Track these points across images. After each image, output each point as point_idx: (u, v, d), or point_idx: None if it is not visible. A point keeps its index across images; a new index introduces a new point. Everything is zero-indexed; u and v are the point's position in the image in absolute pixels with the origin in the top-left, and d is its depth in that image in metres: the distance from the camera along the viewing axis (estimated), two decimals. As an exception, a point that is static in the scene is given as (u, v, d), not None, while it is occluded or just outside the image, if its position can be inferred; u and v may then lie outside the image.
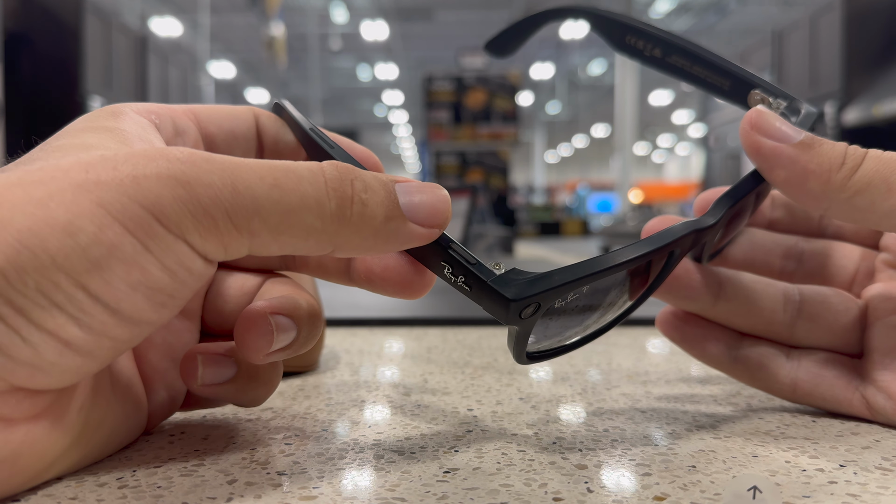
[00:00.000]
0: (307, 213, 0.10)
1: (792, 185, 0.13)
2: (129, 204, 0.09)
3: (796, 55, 2.82)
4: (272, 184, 0.09)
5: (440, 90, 2.33)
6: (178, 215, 0.09)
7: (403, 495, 0.10)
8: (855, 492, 0.10)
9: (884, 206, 0.12)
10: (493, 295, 0.11)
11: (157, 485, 0.10)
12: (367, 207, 0.10)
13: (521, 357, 0.13)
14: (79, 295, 0.09)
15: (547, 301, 0.11)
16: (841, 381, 0.14)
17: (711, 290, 0.14)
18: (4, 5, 1.51)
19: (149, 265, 0.09)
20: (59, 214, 0.09)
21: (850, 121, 2.41)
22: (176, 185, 0.09)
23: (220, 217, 0.09)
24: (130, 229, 0.09)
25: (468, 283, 0.11)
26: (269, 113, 0.14)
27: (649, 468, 0.11)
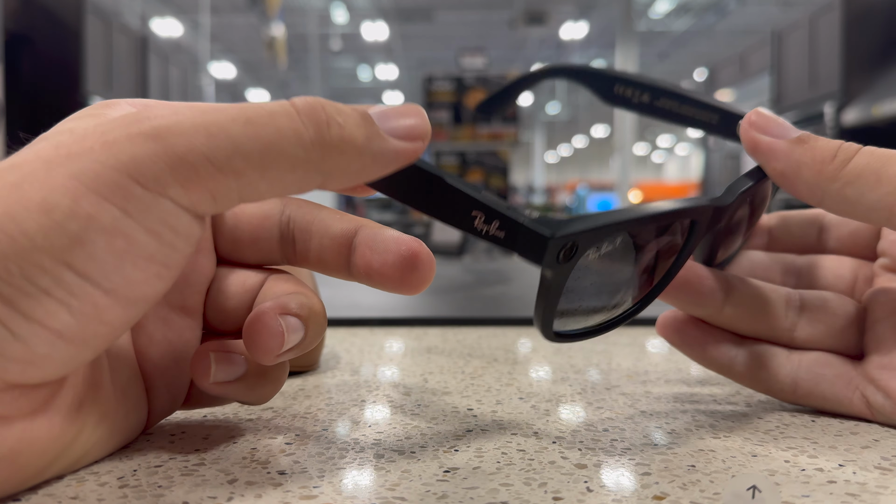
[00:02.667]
0: (287, 143, 0.09)
1: (787, 176, 0.13)
2: (101, 170, 0.08)
3: (796, 56, 2.82)
4: (245, 121, 0.09)
5: (440, 90, 2.33)
6: (154, 171, 0.09)
7: (403, 494, 0.10)
8: (854, 491, 0.10)
9: (871, 197, 0.12)
10: (531, 235, 0.11)
11: (158, 484, 0.10)
12: (345, 129, 0.10)
13: (548, 323, 0.12)
14: (65, 275, 0.08)
15: (585, 243, 0.11)
16: (841, 380, 0.14)
17: (720, 294, 0.14)
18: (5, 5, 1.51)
19: (132, 231, 0.09)
20: (32, 194, 0.08)
21: (849, 121, 2.41)
22: (148, 141, 0.09)
23: (199, 163, 0.09)
24: (107, 196, 0.08)
25: (503, 226, 0.11)
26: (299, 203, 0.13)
27: (649, 468, 0.11)
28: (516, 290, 0.37)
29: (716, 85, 3.61)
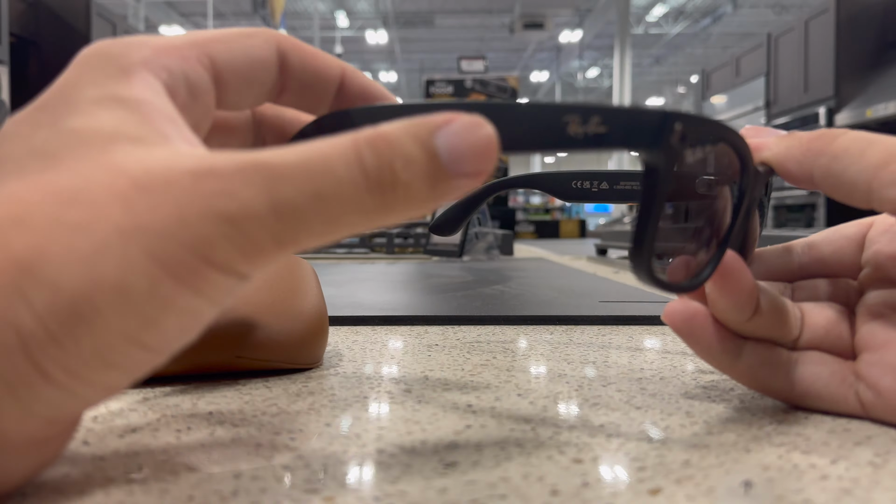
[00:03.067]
0: (350, 216, 0.09)
1: (779, 158, 0.14)
2: (179, 252, 0.08)
3: (790, 59, 2.84)
4: (313, 195, 0.09)
5: (440, 94, 2.33)
6: (227, 254, 0.09)
7: (405, 488, 0.10)
8: (847, 487, 0.10)
9: (853, 170, 0.13)
10: (643, 116, 0.11)
11: (164, 479, 0.11)
12: (411, 188, 0.09)
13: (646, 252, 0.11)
14: (133, 351, 0.09)
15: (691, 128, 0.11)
16: (836, 378, 0.14)
17: (756, 303, 0.14)
18: (12, 10, 1.50)
19: (200, 308, 0.09)
20: (109, 274, 0.08)
21: (843, 124, 2.42)
22: (222, 223, 0.08)
23: (267, 244, 0.09)
24: (183, 279, 0.08)
25: (605, 120, 0.10)
26: (298, 47, 0.12)
27: (644, 462, 0.12)
28: (515, 290, 0.37)
29: (710, 88, 3.63)
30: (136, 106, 0.10)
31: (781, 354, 0.15)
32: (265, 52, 0.12)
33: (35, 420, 0.09)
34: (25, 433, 0.09)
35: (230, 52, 0.11)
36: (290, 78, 0.12)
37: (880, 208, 0.13)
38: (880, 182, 0.12)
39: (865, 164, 0.12)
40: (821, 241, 0.16)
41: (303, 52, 0.12)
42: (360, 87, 0.13)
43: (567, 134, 0.11)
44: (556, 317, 0.28)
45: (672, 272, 0.14)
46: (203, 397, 0.16)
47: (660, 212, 0.12)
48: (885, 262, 0.15)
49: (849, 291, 0.16)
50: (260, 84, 0.12)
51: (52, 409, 0.09)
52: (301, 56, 0.12)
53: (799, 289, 0.16)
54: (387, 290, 0.38)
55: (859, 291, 0.15)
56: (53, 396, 0.08)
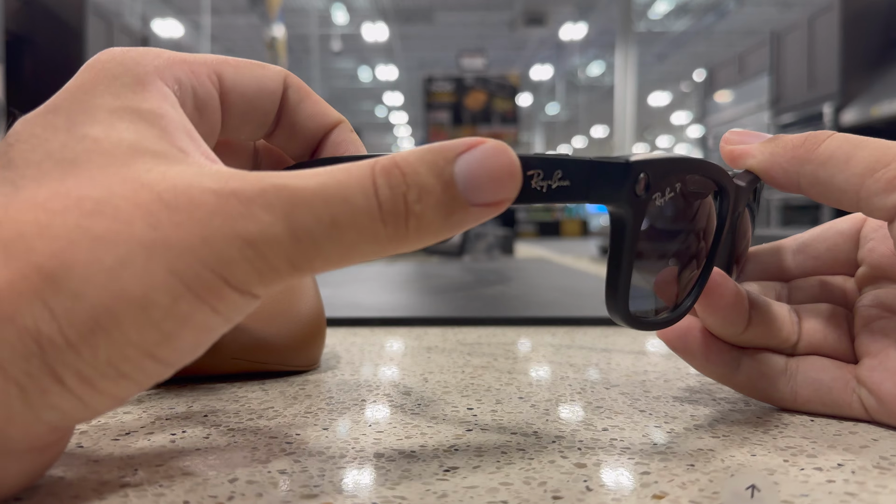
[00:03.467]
0: (364, 244, 0.09)
1: (765, 166, 0.14)
2: (201, 270, 0.09)
3: (794, 56, 2.83)
4: (330, 223, 0.09)
5: (440, 91, 2.33)
6: (245, 275, 0.09)
7: (404, 493, 0.10)
8: (853, 490, 0.10)
9: (840, 178, 0.12)
10: (605, 169, 0.11)
11: (159, 483, 0.10)
12: (424, 219, 0.09)
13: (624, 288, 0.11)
14: (147, 363, 0.09)
15: (656, 174, 0.11)
16: (839, 384, 0.14)
17: (747, 314, 0.14)
18: (6, 6, 1.51)
19: (216, 325, 0.09)
20: (132, 288, 0.08)
21: (848, 122, 2.42)
22: (244, 246, 0.09)
23: (283, 267, 0.09)
24: (203, 296, 0.09)
25: (567, 175, 0.10)
26: (301, 86, 0.13)
27: (648, 467, 0.11)
28: (516, 290, 0.37)
29: (714, 85, 3.62)
30: (154, 119, 0.10)
31: (780, 363, 0.14)
32: (272, 82, 0.12)
33: (41, 426, 0.09)
34: (30, 439, 0.09)
35: (239, 76, 0.12)
36: (285, 114, 0.13)
37: (870, 216, 0.13)
38: (868, 191, 0.12)
39: (852, 172, 0.12)
40: (814, 238, 0.16)
41: (304, 93, 0.13)
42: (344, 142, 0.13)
43: (530, 188, 0.10)
44: (559, 318, 0.28)
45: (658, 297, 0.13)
46: (199, 400, 0.16)
47: (630, 260, 0.12)
48: (881, 261, 0.14)
49: (845, 290, 0.15)
50: (263, 113, 0.12)
51: (60, 417, 0.09)
52: (302, 96, 0.13)
53: (795, 289, 0.16)
54: (386, 291, 0.37)
55: (856, 289, 0.15)
56: (64, 404, 0.09)
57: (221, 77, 0.12)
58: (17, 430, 0.08)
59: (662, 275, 0.13)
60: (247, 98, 0.12)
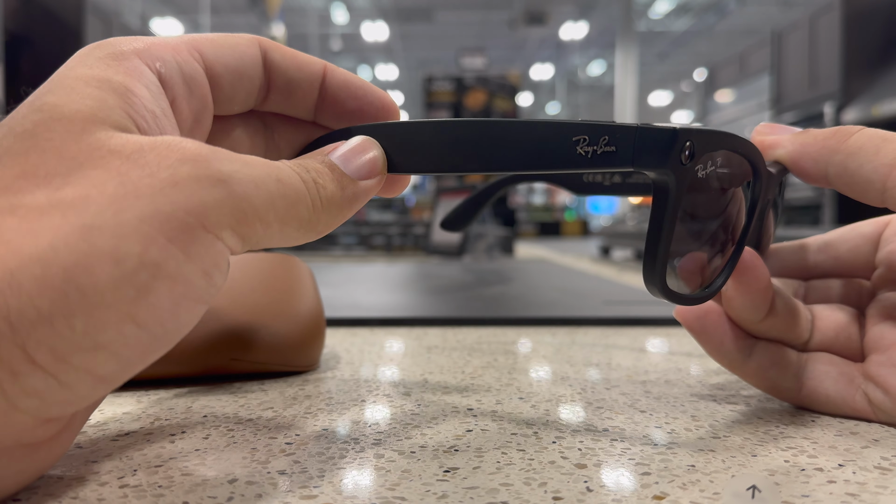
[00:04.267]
0: (301, 205, 0.10)
1: (794, 156, 0.14)
2: (172, 212, 0.09)
3: (795, 56, 2.82)
4: (277, 179, 0.10)
5: (440, 91, 2.33)
6: (218, 215, 0.09)
7: (404, 494, 0.10)
8: (854, 491, 0.10)
9: (868, 167, 0.13)
10: (652, 135, 0.10)
11: (158, 484, 0.10)
12: (327, 189, 0.11)
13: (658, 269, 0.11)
14: (126, 328, 0.08)
15: (701, 144, 0.11)
16: (844, 378, 0.14)
17: (771, 303, 0.14)
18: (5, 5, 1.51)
19: (191, 275, 0.09)
20: (103, 241, 0.08)
21: (849, 121, 2.41)
22: (216, 186, 0.09)
23: (249, 211, 0.09)
24: (173, 239, 0.09)
25: (613, 140, 0.10)
26: (278, 46, 0.13)
27: (648, 467, 0.11)
28: (516, 291, 0.37)
29: (715, 85, 3.62)
30: (123, 92, 0.10)
31: (791, 355, 0.15)
32: (249, 48, 0.12)
33: (21, 417, 0.08)
34: (14, 433, 0.08)
35: (218, 48, 0.12)
36: (275, 75, 0.13)
37: (894, 207, 0.13)
38: (894, 181, 0.12)
39: (880, 162, 0.12)
40: (837, 238, 0.16)
41: (283, 50, 0.13)
42: (342, 80, 0.13)
43: (576, 153, 0.11)
44: (559, 318, 0.28)
45: (686, 279, 0.13)
46: (198, 401, 0.16)
47: (671, 229, 0.11)
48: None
49: (861, 293, 0.15)
50: (249, 79, 0.12)
51: (38, 403, 0.08)
52: (282, 53, 0.13)
53: (812, 289, 0.16)
54: (385, 291, 0.37)
55: (871, 293, 0.15)
56: (38, 385, 0.08)
57: (202, 52, 0.12)
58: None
59: (699, 250, 0.13)
60: (231, 69, 0.12)
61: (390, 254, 0.79)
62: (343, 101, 0.13)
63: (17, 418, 0.08)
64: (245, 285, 0.18)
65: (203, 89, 0.12)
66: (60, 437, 0.10)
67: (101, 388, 0.09)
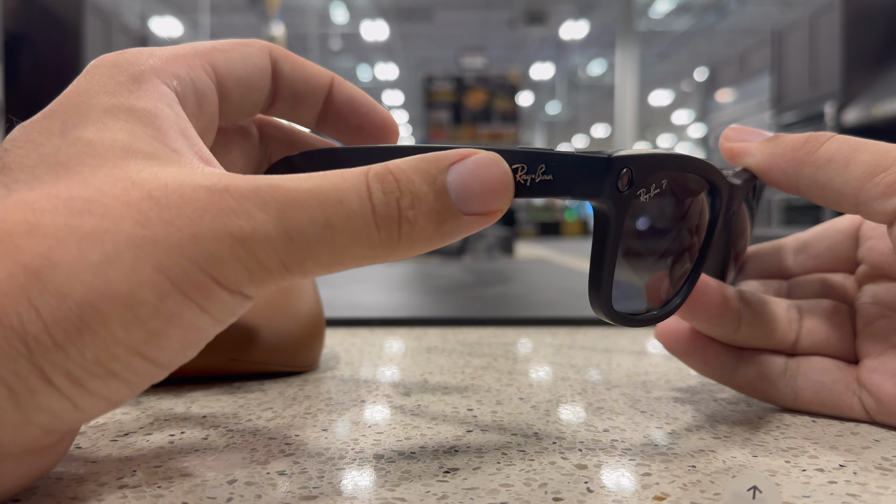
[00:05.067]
0: (357, 248, 0.09)
1: (763, 167, 0.14)
2: (189, 268, 0.08)
3: (796, 55, 2.82)
4: (324, 225, 0.09)
5: (440, 90, 2.33)
6: (235, 274, 0.09)
7: (403, 495, 0.10)
8: (854, 492, 0.10)
9: (839, 181, 0.12)
10: (587, 164, 0.10)
11: (157, 484, 0.10)
12: (416, 225, 0.09)
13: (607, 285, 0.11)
14: (135, 362, 0.09)
15: (640, 169, 0.11)
16: (840, 385, 0.14)
17: (738, 315, 0.14)
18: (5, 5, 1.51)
19: (205, 324, 0.09)
20: (118, 286, 0.08)
21: (849, 121, 2.41)
22: (234, 244, 0.09)
23: (275, 267, 0.09)
24: (190, 295, 0.09)
25: (550, 169, 0.10)
26: (289, 55, 0.13)
27: (649, 468, 0.11)
28: (516, 291, 0.37)
29: (716, 84, 3.62)
30: (149, 119, 0.10)
31: (779, 364, 0.14)
32: (260, 59, 0.12)
33: (33, 429, 0.09)
34: (22, 442, 0.09)
35: (230, 61, 0.12)
36: (282, 84, 0.13)
37: (870, 219, 0.12)
38: (867, 195, 0.12)
39: (851, 176, 0.12)
40: (814, 237, 0.16)
41: (293, 59, 0.13)
42: (347, 95, 0.13)
43: (515, 181, 0.10)
44: (559, 319, 0.28)
45: (637, 299, 0.13)
46: (197, 401, 0.16)
47: (614, 255, 0.11)
48: (881, 259, 0.14)
49: (846, 288, 0.15)
50: (258, 91, 0.12)
51: (52, 419, 0.09)
52: (291, 63, 0.13)
53: (795, 287, 0.16)
54: (385, 291, 0.37)
55: (856, 287, 0.15)
56: (54, 405, 0.08)
57: (215, 66, 0.12)
58: (8, 433, 0.08)
59: (649, 271, 0.13)
60: (241, 81, 0.12)
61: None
62: (346, 115, 0.13)
63: (28, 430, 0.09)
64: None
65: (213, 106, 0.12)
66: (62, 441, 0.10)
67: (110, 408, 0.09)
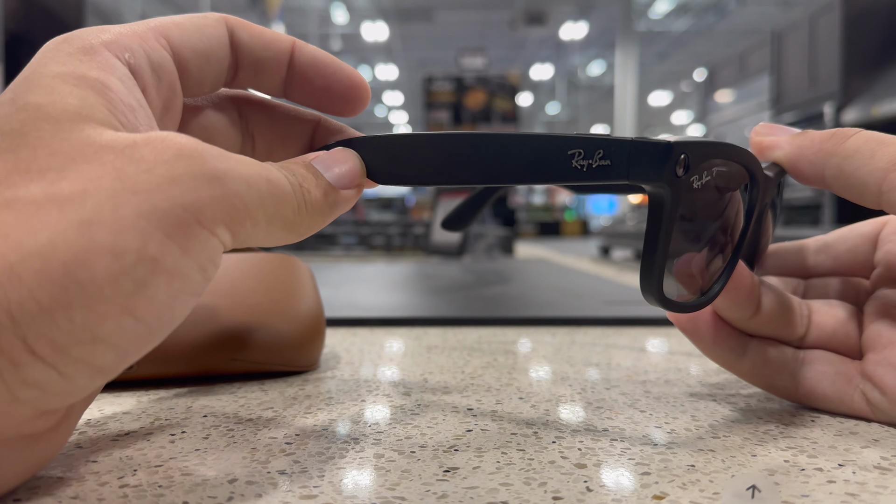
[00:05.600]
0: (288, 206, 0.11)
1: (791, 159, 0.14)
2: (170, 208, 0.09)
3: (795, 56, 2.83)
4: (267, 179, 0.10)
5: (440, 91, 2.33)
6: (214, 211, 0.09)
7: (403, 494, 0.10)
8: (853, 491, 0.10)
9: (864, 170, 0.13)
10: (647, 149, 0.11)
11: (158, 484, 0.10)
12: (311, 194, 0.11)
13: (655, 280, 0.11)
14: (124, 321, 0.08)
15: (696, 156, 0.11)
16: (842, 377, 0.14)
17: (758, 302, 0.14)
18: (5, 5, 1.51)
19: (188, 269, 0.09)
20: (102, 237, 0.08)
21: (849, 121, 2.41)
22: (212, 181, 0.09)
23: (242, 208, 0.10)
24: (171, 234, 0.09)
25: (608, 154, 0.11)
26: (245, 24, 0.13)
27: (648, 467, 0.11)
28: (516, 291, 0.37)
29: (715, 85, 3.62)
30: (100, 89, 0.10)
31: (786, 353, 0.15)
32: (216, 29, 0.12)
33: (22, 408, 0.08)
34: (15, 425, 0.09)
35: (185, 32, 0.12)
36: (243, 53, 0.13)
37: (889, 210, 0.13)
38: (890, 184, 0.12)
39: (876, 166, 0.12)
40: (836, 239, 0.16)
41: (250, 28, 0.13)
42: (310, 58, 0.13)
43: (571, 166, 0.11)
44: (559, 318, 0.28)
45: (685, 284, 0.13)
46: (198, 401, 0.16)
47: (667, 241, 0.12)
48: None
49: (859, 291, 0.15)
50: (217, 61, 0.12)
51: (39, 394, 0.08)
52: (249, 31, 0.13)
53: (811, 287, 0.16)
54: (385, 291, 0.37)
55: (870, 291, 0.15)
56: (39, 376, 0.08)
57: (170, 39, 0.12)
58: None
59: (695, 258, 0.13)
60: (198, 52, 0.12)
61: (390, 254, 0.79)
62: (311, 78, 0.13)
63: (17, 409, 0.08)
64: (245, 285, 0.18)
65: (171, 76, 0.12)
66: (59, 428, 0.10)
67: (99, 378, 0.09)
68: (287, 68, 0.13)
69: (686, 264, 0.13)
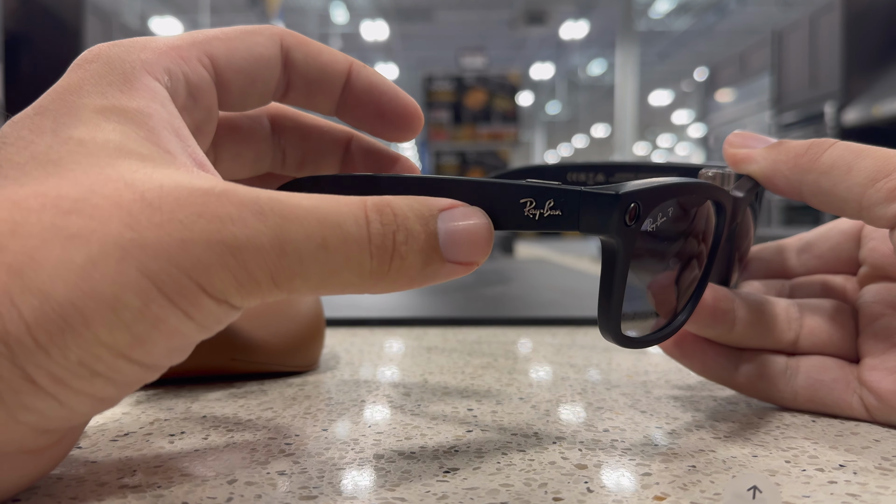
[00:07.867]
0: (347, 273, 0.09)
1: (767, 174, 0.14)
2: (175, 274, 0.08)
3: (796, 55, 2.82)
4: (319, 244, 0.09)
5: (440, 90, 2.33)
6: (223, 283, 0.09)
7: (403, 495, 0.10)
8: (854, 491, 0.10)
9: (842, 187, 0.12)
10: (595, 200, 0.10)
11: (157, 484, 0.10)
12: (406, 261, 0.10)
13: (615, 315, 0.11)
14: (120, 363, 0.09)
15: (647, 203, 0.11)
16: (839, 384, 0.14)
17: (733, 315, 0.14)
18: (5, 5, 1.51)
19: (190, 331, 0.09)
20: (102, 287, 0.08)
21: (849, 121, 2.41)
22: (225, 253, 0.08)
23: (264, 280, 0.09)
24: (175, 301, 0.08)
25: (557, 205, 0.10)
26: (303, 42, 0.12)
27: (649, 468, 0.11)
28: (516, 291, 0.37)
29: (716, 84, 3.62)
30: (141, 120, 0.10)
31: (779, 364, 0.14)
32: (268, 49, 0.12)
33: (22, 428, 0.09)
34: (14, 442, 0.09)
35: (231, 51, 0.11)
36: (295, 75, 0.12)
37: (872, 224, 0.12)
38: (869, 200, 0.12)
39: (854, 181, 0.12)
40: (817, 237, 0.16)
41: (308, 47, 0.12)
42: (367, 82, 0.13)
43: (523, 215, 0.11)
44: (559, 318, 0.28)
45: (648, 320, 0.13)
46: (197, 401, 0.16)
47: (622, 285, 0.11)
48: (882, 260, 0.14)
49: (846, 289, 0.15)
50: (263, 82, 0.12)
51: (38, 418, 0.08)
52: (306, 52, 0.12)
53: (797, 287, 0.16)
54: (387, 290, 0.37)
55: (857, 288, 0.15)
56: (39, 404, 0.08)
57: (213, 57, 0.11)
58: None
59: (656, 293, 0.13)
60: (243, 72, 0.11)
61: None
62: (366, 104, 0.13)
63: (17, 429, 0.08)
64: None
65: (209, 99, 0.11)
66: (62, 442, 0.10)
67: (101, 406, 0.09)
68: (342, 90, 0.13)
69: (649, 298, 0.12)
